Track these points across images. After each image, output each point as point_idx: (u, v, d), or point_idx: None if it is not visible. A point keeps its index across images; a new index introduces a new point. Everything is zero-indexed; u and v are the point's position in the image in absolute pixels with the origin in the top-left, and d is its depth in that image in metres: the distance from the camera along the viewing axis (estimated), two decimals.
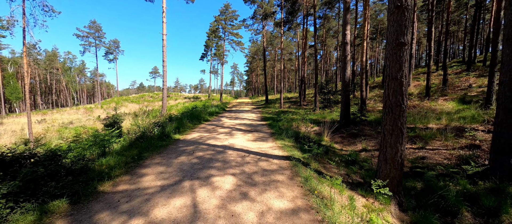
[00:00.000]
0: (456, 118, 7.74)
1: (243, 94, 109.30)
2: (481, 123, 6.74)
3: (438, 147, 5.61)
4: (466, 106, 10.27)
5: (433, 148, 5.56)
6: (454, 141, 5.59)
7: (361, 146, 6.53)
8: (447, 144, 5.64)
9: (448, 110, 9.92)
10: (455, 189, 3.70)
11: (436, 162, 4.79)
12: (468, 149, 5.03)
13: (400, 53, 2.68)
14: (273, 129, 7.69)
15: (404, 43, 2.64)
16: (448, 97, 12.64)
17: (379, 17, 32.33)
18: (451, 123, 7.13)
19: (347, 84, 8.03)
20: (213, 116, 12.57)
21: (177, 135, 5.97)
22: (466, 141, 5.39)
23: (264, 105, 22.46)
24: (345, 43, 7.92)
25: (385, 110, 2.97)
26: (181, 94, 50.41)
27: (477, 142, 5.12)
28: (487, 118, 6.75)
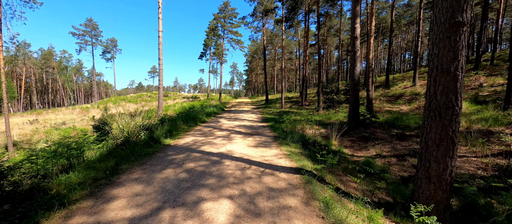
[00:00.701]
0: (476, 120, 7.04)
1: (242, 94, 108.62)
2: (507, 126, 6.04)
3: (465, 153, 4.91)
4: (482, 107, 9.58)
5: (460, 154, 4.86)
6: (483, 147, 4.89)
7: (374, 152, 5.83)
8: (475, 150, 4.93)
9: (463, 111, 9.24)
10: (503, 208, 3.00)
11: (469, 173, 4.08)
12: (504, 157, 4.34)
13: (456, 36, 1.98)
14: (276, 132, 6.97)
15: (462, 22, 1.94)
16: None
17: (381, 15, 31.65)
18: (472, 126, 6.43)
19: (356, 83, 7.33)
20: (211, 116, 11.84)
21: (168, 140, 5.24)
22: (499, 147, 4.68)
23: (264, 105, 21.74)
24: (354, 37, 7.21)
25: (428, 113, 2.27)
26: (179, 94, 49.62)
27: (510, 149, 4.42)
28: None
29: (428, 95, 2.28)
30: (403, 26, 36.88)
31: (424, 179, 2.36)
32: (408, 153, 5.32)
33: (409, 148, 5.70)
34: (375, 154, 5.70)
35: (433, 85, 2.19)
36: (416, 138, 6.24)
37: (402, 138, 6.39)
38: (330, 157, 3.38)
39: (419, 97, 13.63)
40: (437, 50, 2.12)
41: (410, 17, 33.15)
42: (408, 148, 5.72)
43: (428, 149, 2.30)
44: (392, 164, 5.12)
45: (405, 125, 7.36)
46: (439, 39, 2.08)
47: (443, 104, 2.13)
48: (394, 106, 12.62)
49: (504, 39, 36.16)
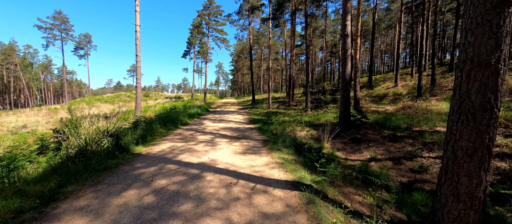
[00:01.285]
0: None
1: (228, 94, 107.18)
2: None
3: None
4: None
5: None
6: None
7: (368, 155, 5.51)
8: None
9: (445, 111, 9.45)
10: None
11: None
12: (501, 159, 4.21)
13: (500, 19, 1.56)
14: (265, 134, 6.41)
15: (509, 1, 1.53)
16: (439, 97, 12.37)
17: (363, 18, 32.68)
18: None
19: (347, 82, 7.03)
20: (194, 118, 10.97)
21: (139, 148, 4.42)
22: (495, 149, 4.56)
23: (251, 106, 21.16)
24: (345, 35, 6.91)
25: (458, 116, 1.84)
26: (162, 94, 47.25)
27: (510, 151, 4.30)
28: (503, 121, 6.12)
29: (457, 94, 1.85)
30: (382, 30, 38.54)
31: (451, 196, 1.93)
32: (404, 156, 5.05)
33: (403, 150, 5.45)
34: (370, 157, 5.37)
35: (466, 81, 1.76)
36: (408, 139, 6.05)
37: (394, 139, 6.17)
38: (332, 168, 2.89)
39: (401, 98, 13.95)
40: (472, 38, 1.69)
41: (389, 21, 34.69)
42: (402, 150, 5.47)
43: (457, 161, 1.87)
44: (389, 168, 4.81)
45: (395, 126, 7.20)
46: (476, 23, 1.66)
47: (479, 105, 1.71)
48: (379, 106, 12.74)
49: None
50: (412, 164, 4.68)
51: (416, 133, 6.28)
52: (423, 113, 9.47)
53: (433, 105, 10.59)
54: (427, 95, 12.92)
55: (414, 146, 5.51)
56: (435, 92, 13.15)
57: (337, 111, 12.38)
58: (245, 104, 24.47)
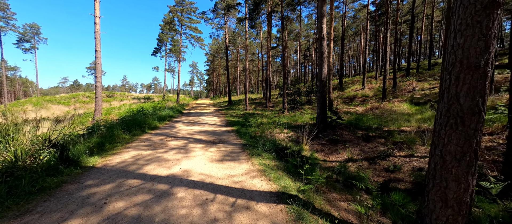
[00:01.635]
0: (421, 120, 7.76)
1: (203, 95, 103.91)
2: None
3: (426, 153, 5.09)
4: (419, 107, 11.02)
5: (422, 155, 5.00)
6: None
7: (345, 155, 5.60)
8: None
9: (406, 111, 10.39)
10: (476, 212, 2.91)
11: None
12: None
13: (489, 21, 1.53)
14: (244, 138, 6.08)
15: (499, 3, 1.50)
16: (400, 98, 13.64)
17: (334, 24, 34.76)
18: (423, 125, 6.99)
19: (324, 84, 7.14)
20: (165, 121, 10.06)
21: (93, 159, 3.68)
22: None
23: (228, 107, 20.60)
24: (321, 38, 7.01)
25: (446, 120, 1.80)
26: (129, 94, 43.25)
27: None
28: None
29: (446, 97, 1.80)
30: (350, 36, 41.58)
31: (439, 202, 1.88)
32: (378, 155, 5.23)
33: (376, 150, 5.67)
34: (347, 158, 5.45)
35: (455, 84, 1.71)
36: (380, 139, 6.35)
37: (367, 139, 6.41)
38: (317, 175, 2.71)
39: (369, 99, 15.02)
40: (461, 39, 1.65)
41: (356, 29, 37.55)
42: (375, 150, 5.69)
43: (446, 165, 1.82)
44: (365, 168, 4.91)
45: (367, 126, 7.56)
46: (466, 24, 1.61)
47: (468, 109, 1.67)
48: (350, 107, 13.49)
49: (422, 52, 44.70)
50: (386, 164, 4.86)
51: (386, 133, 6.65)
52: (389, 113, 10.25)
53: (396, 106, 11.58)
54: (390, 96, 14.14)
55: (386, 146, 5.79)
56: (397, 94, 14.48)
57: (313, 112, 12.70)
58: (221, 106, 23.78)
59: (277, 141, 5.94)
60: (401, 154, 5.13)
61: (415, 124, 7.24)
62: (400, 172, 4.45)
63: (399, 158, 4.99)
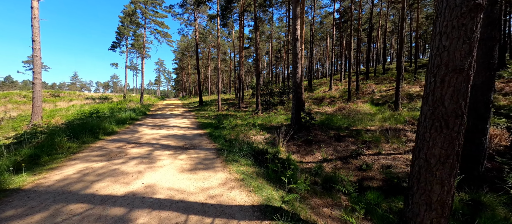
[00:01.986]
0: (382, 119, 8.48)
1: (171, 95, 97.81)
2: (404, 124, 7.51)
3: (390, 151, 5.48)
4: (379, 107, 12.18)
5: (387, 152, 5.37)
6: (401, 144, 5.65)
7: (320, 156, 5.68)
8: (395, 147, 5.62)
9: (369, 111, 11.36)
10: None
11: (403, 171, 4.41)
12: None
13: (473, 24, 1.54)
14: (218, 142, 5.64)
15: (482, 6, 1.51)
16: (362, 99, 14.90)
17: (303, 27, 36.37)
18: (384, 124, 7.62)
19: (298, 85, 7.19)
20: (126, 125, 8.86)
21: (20, 177, 2.82)
22: (412, 144, 5.50)
23: (198, 108, 19.57)
24: (295, 39, 7.04)
25: (431, 123, 1.79)
26: (81, 94, 37.70)
27: None
28: (409, 119, 7.66)
29: (430, 100, 1.79)
30: (317, 41, 44.22)
31: (424, 205, 1.88)
32: (350, 155, 5.42)
33: (348, 149, 5.90)
34: (322, 158, 5.52)
35: (440, 87, 1.70)
36: (350, 138, 6.65)
37: (339, 139, 6.65)
38: (302, 182, 2.53)
39: (336, 100, 16.01)
40: (447, 42, 1.64)
41: (322, 34, 40.08)
42: (346, 149, 5.91)
43: (430, 169, 1.81)
44: (339, 167, 5.02)
45: (338, 126, 7.90)
46: (452, 27, 1.60)
47: (452, 112, 1.67)
48: (320, 108, 14.16)
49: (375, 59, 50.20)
50: (358, 162, 5.05)
51: (355, 132, 7.02)
52: (355, 113, 11.03)
53: (360, 107, 12.56)
54: (354, 97, 15.33)
55: (356, 145, 6.07)
56: (359, 96, 15.79)
57: (286, 112, 12.89)
58: (192, 106, 22.50)
59: (253, 144, 5.69)
60: (370, 153, 5.42)
61: (378, 123, 7.84)
62: (371, 170, 4.65)
63: (369, 156, 5.25)
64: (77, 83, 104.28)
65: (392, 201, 3.45)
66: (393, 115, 8.92)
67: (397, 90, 9.87)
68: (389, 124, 7.68)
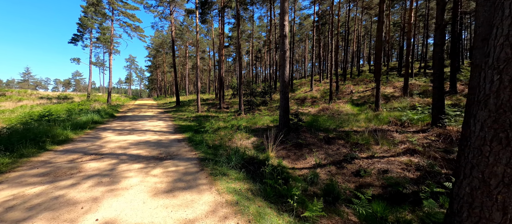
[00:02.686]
0: (366, 119, 8.52)
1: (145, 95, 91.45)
2: (388, 124, 7.58)
3: (383, 153, 5.32)
4: (360, 108, 12.47)
5: (380, 155, 5.19)
6: (392, 146, 5.55)
7: (312, 161, 5.28)
8: (385, 149, 5.49)
9: (350, 111, 11.52)
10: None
11: (400, 176, 4.20)
12: (411, 154, 5.00)
13: None
14: (200, 149, 4.87)
15: None
16: (342, 100, 15.23)
17: None
18: (370, 125, 7.60)
19: (286, 85, 6.75)
20: (86, 129, 7.47)
21: None
22: (404, 146, 5.42)
23: (175, 109, 18.13)
24: (283, 36, 6.59)
25: (492, 133, 1.39)
26: (34, 93, 32.59)
27: (414, 147, 5.19)
28: (392, 119, 7.77)
29: (492, 104, 1.39)
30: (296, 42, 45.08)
31: None
32: (344, 159, 5.12)
33: (339, 152, 5.62)
34: (314, 163, 5.13)
35: (510, 87, 1.31)
36: (339, 140, 6.41)
37: (329, 141, 6.37)
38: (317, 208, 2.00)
39: (317, 100, 16.13)
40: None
41: (301, 36, 40.92)
42: (339, 152, 5.62)
43: (489, 191, 1.42)
44: (334, 173, 4.67)
45: (325, 128, 7.67)
46: None
47: None
48: (303, 108, 14.06)
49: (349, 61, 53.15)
50: (353, 167, 4.75)
51: (344, 134, 6.82)
52: (338, 114, 11.07)
53: (342, 107, 12.72)
54: (335, 98, 15.61)
55: (347, 148, 5.84)
56: (339, 96, 16.14)
57: (270, 113, 12.45)
58: (168, 107, 20.84)
59: (240, 149, 5.06)
60: (363, 156, 5.18)
61: (364, 124, 7.80)
62: (368, 176, 4.37)
63: (363, 160, 4.99)
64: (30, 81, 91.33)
65: (398, 211, 3.15)
66: (376, 115, 9.04)
67: (377, 91, 10.12)
68: (374, 124, 7.68)
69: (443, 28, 6.50)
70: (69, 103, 20.85)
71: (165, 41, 37.41)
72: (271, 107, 15.43)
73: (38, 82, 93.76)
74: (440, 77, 6.47)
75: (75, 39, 30.22)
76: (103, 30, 30.70)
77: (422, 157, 4.71)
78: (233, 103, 19.32)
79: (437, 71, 6.54)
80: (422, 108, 8.82)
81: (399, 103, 11.52)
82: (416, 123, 7.08)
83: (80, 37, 30.56)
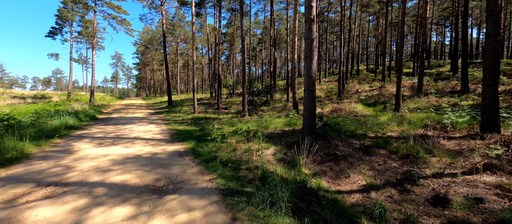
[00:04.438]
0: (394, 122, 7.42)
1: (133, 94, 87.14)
2: (426, 129, 6.49)
3: (451, 170, 4.13)
4: (374, 108, 11.45)
5: (450, 173, 3.99)
6: (451, 158, 4.39)
7: (360, 180, 4.01)
8: (449, 162, 4.27)
9: (366, 112, 10.45)
10: None
11: (503, 207, 3.01)
12: (490, 171, 3.86)
13: None
14: (213, 170, 3.43)
15: None
16: (350, 99, 14.22)
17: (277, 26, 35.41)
18: (402, 129, 6.48)
19: (313, 81, 5.44)
20: (53, 139, 5.71)
21: None
22: (475, 160, 4.25)
23: (168, 109, 16.33)
24: (310, 20, 5.26)
25: None
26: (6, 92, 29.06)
27: (491, 161, 4.04)
28: (431, 123, 6.69)
29: None
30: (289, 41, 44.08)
31: None
32: (403, 177, 3.89)
33: (388, 166, 4.39)
34: (365, 184, 3.85)
35: None
36: (377, 149, 5.21)
37: (367, 151, 5.14)
38: None
39: (323, 100, 15.03)
40: None
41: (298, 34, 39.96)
42: (387, 167, 4.39)
43: None
44: (399, 200, 3.39)
45: (351, 132, 6.48)
46: None
47: None
48: None
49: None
50: (423, 191, 3.51)
51: (380, 141, 5.64)
52: (354, 115, 9.96)
53: (354, 107, 11.66)
54: (341, 97, 14.59)
55: (394, 159, 4.64)
56: (346, 96, 15.14)
57: (275, 114, 11.12)
58: (159, 107, 18.92)
59: (265, 165, 3.69)
60: (427, 173, 3.97)
61: (397, 128, 6.69)
62: (452, 206, 3.14)
63: (430, 180, 3.78)
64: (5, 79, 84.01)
65: None
66: (401, 117, 8.00)
67: (398, 90, 9.10)
68: (407, 128, 6.58)
69: (497, 16, 5.44)
70: (45, 103, 18.34)
71: (155, 37, 34.94)
72: (274, 108, 14.12)
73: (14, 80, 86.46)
74: (493, 74, 5.38)
75: (53, 33, 27.24)
76: (86, 23, 27.90)
77: (509, 176, 3.57)
78: (231, 103, 17.82)
79: (489, 66, 5.45)
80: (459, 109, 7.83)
81: (414, 103, 10.61)
82: (459, 127, 6.04)
83: (59, 31, 27.60)
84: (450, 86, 13.21)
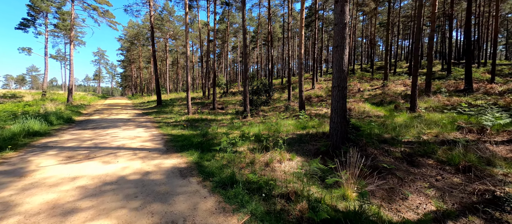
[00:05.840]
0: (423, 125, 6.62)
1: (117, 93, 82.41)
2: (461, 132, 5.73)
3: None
4: (383, 108, 10.77)
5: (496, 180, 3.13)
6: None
7: (426, 203, 3.04)
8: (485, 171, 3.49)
9: (378, 112, 9.69)
10: None
11: None
12: None
13: None
14: (239, 204, 2.29)
15: None
16: (354, 99, 13.54)
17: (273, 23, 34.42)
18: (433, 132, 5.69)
19: (345, 76, 4.43)
20: (4, 152, 4.20)
21: None
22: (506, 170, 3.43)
23: (157, 109, 14.73)
24: (343, 1, 4.24)
25: None
26: None
27: None
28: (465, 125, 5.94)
29: None
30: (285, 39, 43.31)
31: None
32: (484, 199, 2.96)
33: (449, 182, 3.48)
34: (435, 209, 2.88)
35: None
36: (423, 158, 4.32)
37: (412, 162, 4.23)
38: None
39: (324, 99, 14.23)
40: None
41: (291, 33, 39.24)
42: (449, 184, 3.48)
43: None
44: None
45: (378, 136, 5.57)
46: None
47: None
48: (315, 108, 11.96)
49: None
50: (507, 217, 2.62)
51: (421, 148, 4.75)
52: (367, 116, 9.16)
53: (361, 107, 10.91)
54: None
55: (450, 172, 3.74)
56: (348, 95, 14.45)
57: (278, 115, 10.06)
58: (147, 107, 17.18)
59: (304, 188, 2.60)
60: (508, 191, 3.08)
61: (435, 129, 5.86)
62: None
63: None
64: None
65: None
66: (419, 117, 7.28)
67: (413, 88, 8.41)
68: (438, 131, 5.78)
69: None
70: (12, 103, 15.94)
71: (141, 32, 32.55)
72: (275, 108, 13.09)
73: None
74: None
75: (25, 25, 24.36)
76: (63, 15, 25.20)
77: None
78: (227, 103, 16.55)
79: None
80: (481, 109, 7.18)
81: (425, 102, 10.05)
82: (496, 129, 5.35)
83: (32, 23, 24.74)
84: (451, 85, 12.93)
